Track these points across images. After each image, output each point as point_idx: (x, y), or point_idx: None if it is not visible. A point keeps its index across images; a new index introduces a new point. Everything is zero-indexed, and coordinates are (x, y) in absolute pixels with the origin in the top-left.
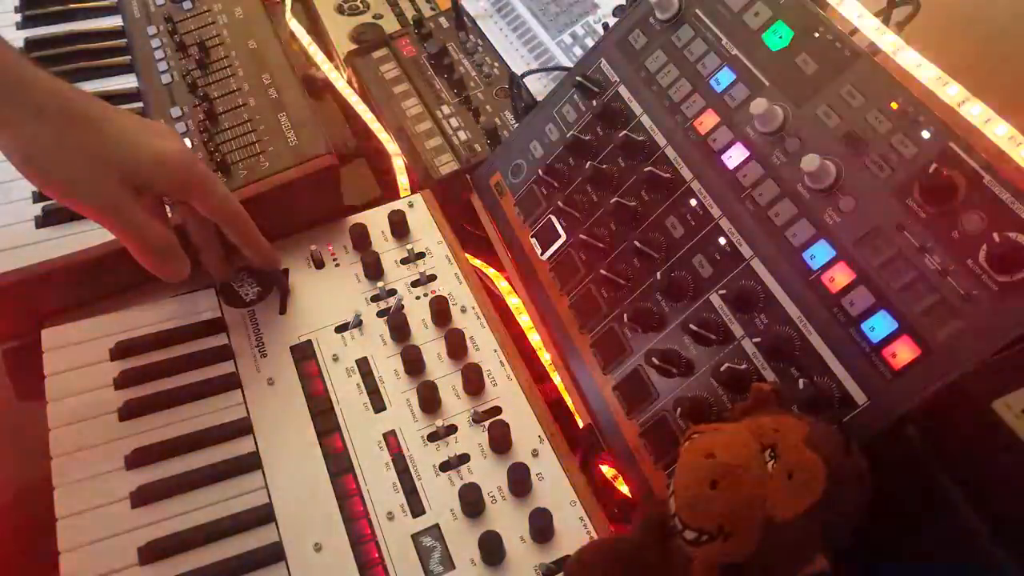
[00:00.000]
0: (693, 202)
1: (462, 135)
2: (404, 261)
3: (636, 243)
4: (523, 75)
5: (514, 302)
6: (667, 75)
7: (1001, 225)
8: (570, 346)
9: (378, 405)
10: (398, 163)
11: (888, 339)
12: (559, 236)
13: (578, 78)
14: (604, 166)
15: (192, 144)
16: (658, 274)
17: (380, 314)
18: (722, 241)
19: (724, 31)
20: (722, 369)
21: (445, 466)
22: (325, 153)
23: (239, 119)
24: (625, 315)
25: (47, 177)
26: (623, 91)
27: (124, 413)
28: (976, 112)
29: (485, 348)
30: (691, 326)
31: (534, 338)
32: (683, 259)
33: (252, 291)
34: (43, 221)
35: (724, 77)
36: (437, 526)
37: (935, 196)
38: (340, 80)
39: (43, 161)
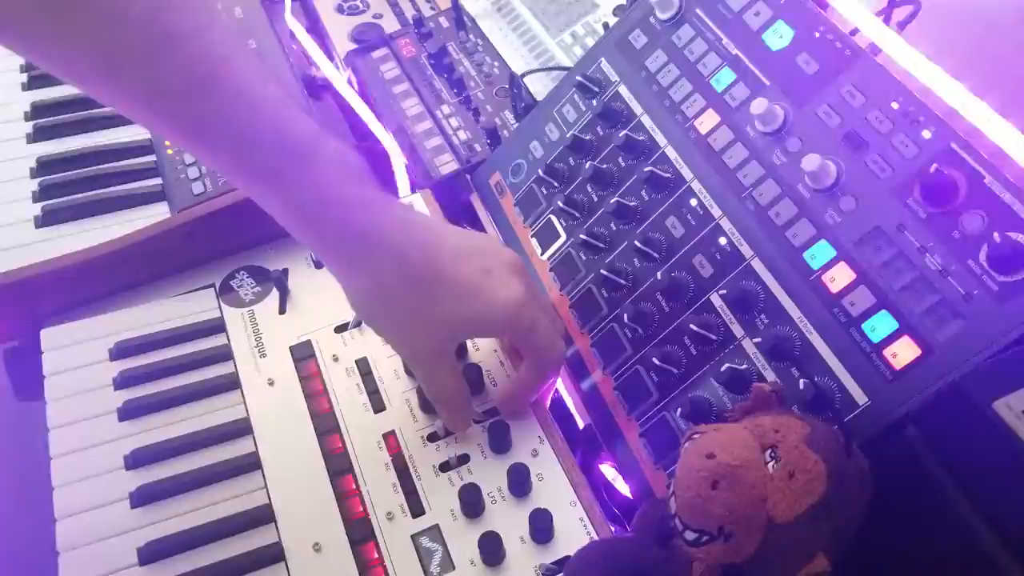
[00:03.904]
0: (693, 202)
1: (462, 135)
2: None
3: (636, 243)
4: (523, 75)
5: None
6: (667, 75)
7: (1002, 225)
8: (570, 346)
9: (378, 405)
10: (398, 163)
11: (889, 339)
12: (559, 236)
13: (578, 78)
14: (604, 166)
15: None
16: (658, 274)
17: None
18: (722, 241)
19: (724, 31)
20: (722, 369)
21: (445, 466)
22: None
23: None
24: (625, 315)
25: (368, 323)
26: (623, 91)
27: (124, 413)
28: (976, 112)
29: (485, 348)
30: (691, 326)
31: None
32: (683, 259)
33: (251, 291)
34: (43, 221)
35: (724, 77)
36: (437, 526)
37: (936, 196)
38: (340, 80)
39: (367, 313)
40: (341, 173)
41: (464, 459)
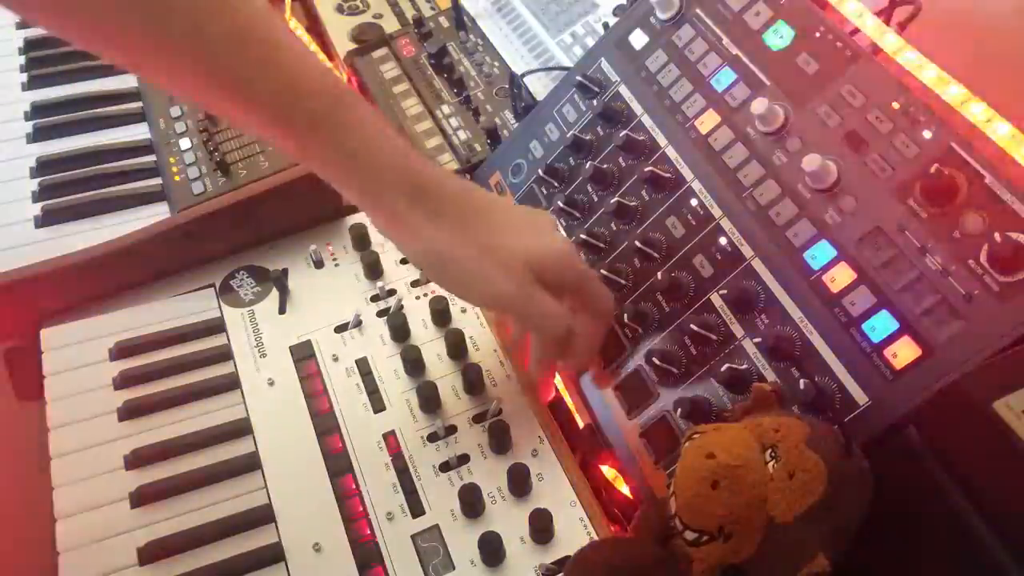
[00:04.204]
0: (694, 202)
1: (462, 135)
2: (404, 261)
3: (636, 243)
4: (523, 75)
5: None
6: (668, 75)
7: (1002, 225)
8: None
9: (378, 405)
10: None
11: (889, 339)
12: None
13: (578, 78)
14: (604, 166)
15: (192, 144)
16: (658, 274)
17: (380, 314)
18: (723, 241)
19: (725, 31)
20: (722, 369)
21: (445, 466)
22: None
23: None
24: (625, 315)
25: (442, 278)
26: (623, 91)
27: (124, 413)
28: (977, 112)
29: (485, 348)
30: (691, 326)
31: None
32: (683, 259)
33: (251, 291)
34: (43, 221)
35: (725, 77)
36: (437, 526)
37: (936, 196)
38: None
39: (439, 263)
40: (382, 122)
41: (464, 459)
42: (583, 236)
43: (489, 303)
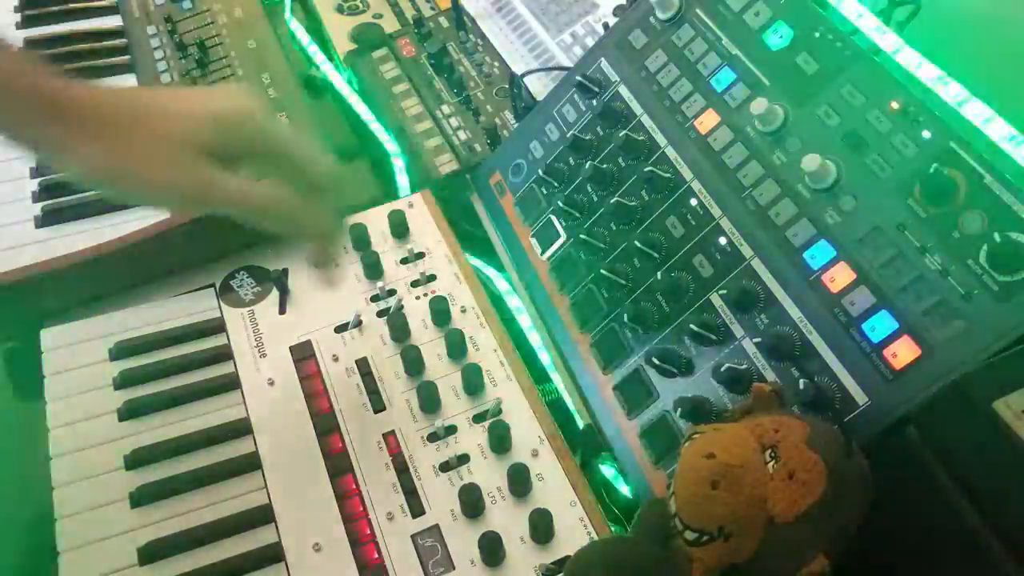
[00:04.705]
0: (693, 202)
1: (462, 135)
2: (404, 261)
3: (636, 243)
4: (523, 75)
5: (514, 302)
6: (667, 75)
7: (1002, 225)
8: (570, 346)
9: (378, 405)
10: (398, 163)
11: (889, 339)
12: (559, 236)
13: (578, 78)
14: (604, 166)
15: None
16: (658, 274)
17: (380, 314)
18: (722, 241)
19: (724, 31)
20: (722, 369)
21: (445, 466)
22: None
23: None
24: (625, 315)
25: (118, 192)
26: (623, 91)
27: (124, 413)
28: (976, 112)
29: (485, 348)
30: (691, 326)
31: (534, 338)
32: (683, 259)
33: (251, 291)
34: (43, 221)
35: (724, 77)
36: (437, 526)
37: (936, 196)
38: (340, 80)
39: (107, 177)
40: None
41: (464, 459)
42: (583, 236)
43: (168, 203)
